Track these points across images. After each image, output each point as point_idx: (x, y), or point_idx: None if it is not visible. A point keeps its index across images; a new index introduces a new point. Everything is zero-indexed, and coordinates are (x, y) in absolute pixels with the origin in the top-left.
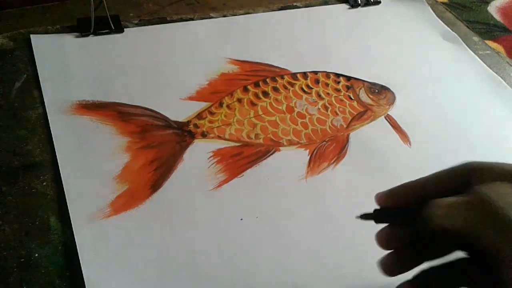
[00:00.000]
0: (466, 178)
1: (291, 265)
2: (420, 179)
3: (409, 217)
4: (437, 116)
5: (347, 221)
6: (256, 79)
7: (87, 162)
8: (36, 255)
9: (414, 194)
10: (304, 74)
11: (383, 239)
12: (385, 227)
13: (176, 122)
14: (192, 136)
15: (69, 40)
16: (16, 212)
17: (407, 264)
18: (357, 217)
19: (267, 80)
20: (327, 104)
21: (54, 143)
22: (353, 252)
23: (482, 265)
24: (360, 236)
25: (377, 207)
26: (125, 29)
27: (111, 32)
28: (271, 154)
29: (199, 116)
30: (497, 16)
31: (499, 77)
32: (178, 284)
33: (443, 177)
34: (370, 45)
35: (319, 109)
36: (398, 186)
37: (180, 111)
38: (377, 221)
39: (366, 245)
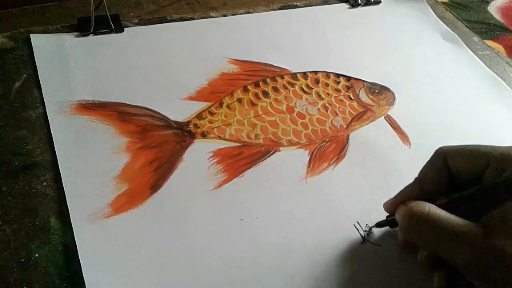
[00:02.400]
0: (444, 163)
1: (291, 265)
2: (416, 178)
3: None
4: (437, 116)
5: (347, 221)
6: (256, 79)
7: (87, 162)
8: (36, 255)
9: (414, 196)
10: (304, 74)
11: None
12: None
13: (176, 122)
14: (192, 136)
15: (69, 40)
16: (16, 212)
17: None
18: (373, 226)
19: (267, 80)
20: (327, 104)
21: (54, 143)
22: (353, 253)
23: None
24: (359, 236)
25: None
26: (125, 29)
27: (111, 31)
28: (271, 154)
29: (199, 116)
30: (497, 16)
31: (499, 78)
32: (178, 284)
33: (427, 171)
34: (370, 45)
35: (319, 109)
36: (398, 193)
37: (180, 111)
38: (391, 227)
39: (366, 246)
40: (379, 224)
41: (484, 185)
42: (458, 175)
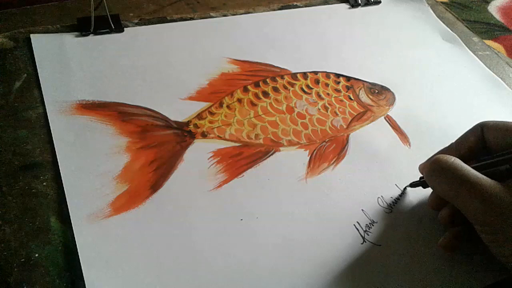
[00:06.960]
0: (481, 133)
1: (291, 265)
2: (452, 143)
3: None
4: (437, 117)
5: (347, 221)
6: (256, 79)
7: (87, 162)
8: (36, 255)
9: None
10: (304, 74)
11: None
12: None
13: (176, 122)
14: (192, 136)
15: (69, 40)
16: (16, 212)
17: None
18: (407, 186)
19: (267, 80)
20: (327, 105)
21: (54, 143)
22: (353, 253)
23: None
24: (359, 236)
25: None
26: (125, 29)
27: (111, 31)
28: (271, 154)
29: (199, 116)
30: (497, 16)
31: (499, 78)
32: (178, 284)
33: (464, 138)
34: (370, 45)
35: (319, 109)
36: (434, 155)
37: (180, 111)
38: (424, 187)
39: (366, 245)
40: (412, 184)
41: (509, 152)
42: (491, 145)
